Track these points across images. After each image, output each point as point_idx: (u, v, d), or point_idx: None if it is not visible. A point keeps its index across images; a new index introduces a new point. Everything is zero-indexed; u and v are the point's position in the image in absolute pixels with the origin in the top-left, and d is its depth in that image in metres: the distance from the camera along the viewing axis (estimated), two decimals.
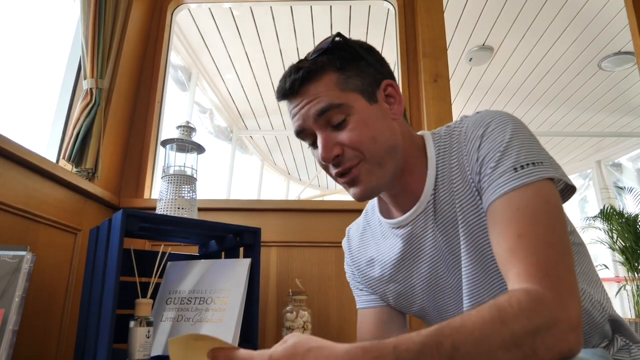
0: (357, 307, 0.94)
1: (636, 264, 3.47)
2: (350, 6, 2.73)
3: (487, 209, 0.66)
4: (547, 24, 2.94)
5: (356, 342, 0.81)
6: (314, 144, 0.75)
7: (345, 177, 0.73)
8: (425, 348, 0.46)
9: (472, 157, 0.70)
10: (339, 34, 0.76)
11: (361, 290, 0.93)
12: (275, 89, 0.77)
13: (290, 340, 0.49)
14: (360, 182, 0.73)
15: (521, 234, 0.59)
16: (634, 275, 3.46)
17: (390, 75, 0.79)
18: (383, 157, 0.72)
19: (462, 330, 0.48)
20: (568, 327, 0.51)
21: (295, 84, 0.72)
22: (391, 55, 1.93)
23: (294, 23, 2.91)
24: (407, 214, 0.77)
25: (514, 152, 0.64)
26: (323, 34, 0.71)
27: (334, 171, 0.74)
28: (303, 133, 0.75)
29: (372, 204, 0.92)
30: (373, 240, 0.89)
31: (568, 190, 0.70)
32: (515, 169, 0.63)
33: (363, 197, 0.75)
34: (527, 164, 0.63)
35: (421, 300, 0.83)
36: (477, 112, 0.73)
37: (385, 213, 0.85)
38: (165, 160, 1.38)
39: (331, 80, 0.72)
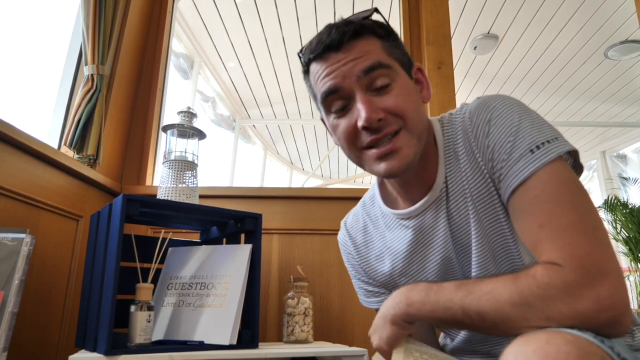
0: (374, 307, 0.87)
1: (639, 255, 3.46)
2: None
3: (508, 199, 0.64)
4: (553, 12, 2.90)
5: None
6: (342, 110, 0.69)
7: (382, 146, 0.66)
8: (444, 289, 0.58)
9: (481, 143, 0.67)
10: (376, 10, 0.72)
11: (369, 291, 0.88)
12: (311, 45, 0.70)
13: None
14: (398, 153, 0.66)
15: (542, 224, 0.57)
16: (637, 265, 3.45)
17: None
18: (422, 132, 0.69)
19: (478, 281, 0.57)
20: (597, 306, 0.49)
21: (345, 36, 0.66)
22: None
23: (297, 11, 2.88)
24: (419, 203, 0.74)
25: (527, 133, 0.62)
26: (326, 22, 0.70)
27: (369, 138, 0.66)
28: (336, 94, 0.68)
29: (371, 193, 0.87)
30: (377, 233, 0.84)
31: (576, 170, 0.68)
32: (531, 150, 0.61)
33: (400, 170, 0.67)
34: (543, 143, 0.61)
35: None
36: (477, 98, 0.71)
37: (390, 203, 0.81)
38: (166, 146, 1.37)
39: (378, 43, 0.69)
